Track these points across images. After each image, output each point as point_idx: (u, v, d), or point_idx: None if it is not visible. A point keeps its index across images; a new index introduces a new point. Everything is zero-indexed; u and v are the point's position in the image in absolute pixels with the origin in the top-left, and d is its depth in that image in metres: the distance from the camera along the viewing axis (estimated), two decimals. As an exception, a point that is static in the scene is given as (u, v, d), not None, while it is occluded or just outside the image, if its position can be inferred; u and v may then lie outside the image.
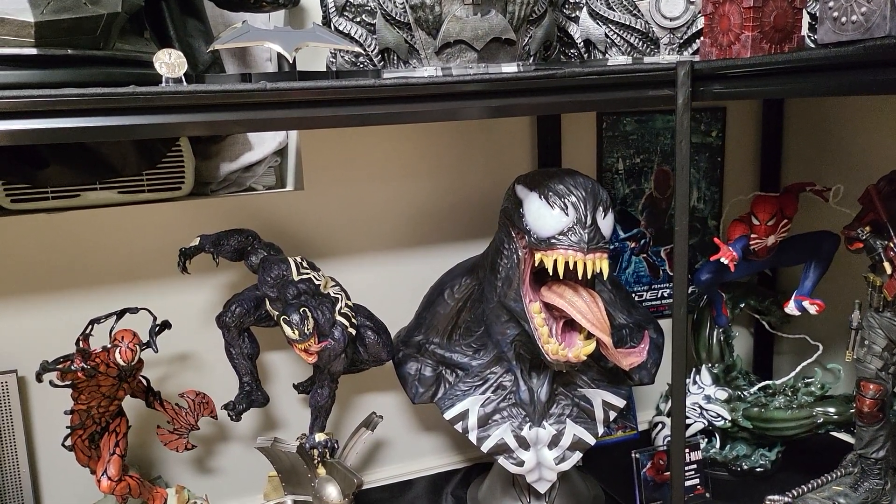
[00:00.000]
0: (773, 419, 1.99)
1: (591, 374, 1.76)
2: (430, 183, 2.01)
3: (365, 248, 1.97)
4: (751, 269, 2.05)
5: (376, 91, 1.24)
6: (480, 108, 1.36)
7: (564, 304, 1.49)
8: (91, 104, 1.08)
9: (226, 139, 1.91)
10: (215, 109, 1.16)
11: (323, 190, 1.91)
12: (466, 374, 1.76)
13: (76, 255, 1.73)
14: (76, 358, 1.39)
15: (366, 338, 1.69)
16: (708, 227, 2.35)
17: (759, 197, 1.90)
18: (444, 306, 1.79)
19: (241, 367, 1.70)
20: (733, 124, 2.32)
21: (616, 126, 2.19)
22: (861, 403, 1.64)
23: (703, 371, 2.12)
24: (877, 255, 1.54)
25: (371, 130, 1.91)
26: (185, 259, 1.62)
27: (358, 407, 2.03)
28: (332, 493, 1.61)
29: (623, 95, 1.44)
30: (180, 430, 1.67)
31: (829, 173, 2.14)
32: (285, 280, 1.57)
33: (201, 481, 1.90)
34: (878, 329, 1.61)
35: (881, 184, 1.61)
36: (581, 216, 1.45)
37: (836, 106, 2.18)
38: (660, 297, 2.34)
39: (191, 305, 1.82)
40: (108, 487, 1.48)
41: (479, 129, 2.03)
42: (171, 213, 1.78)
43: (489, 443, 1.68)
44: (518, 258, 1.56)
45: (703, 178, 2.33)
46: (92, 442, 1.54)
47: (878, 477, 1.68)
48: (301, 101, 1.20)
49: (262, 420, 1.94)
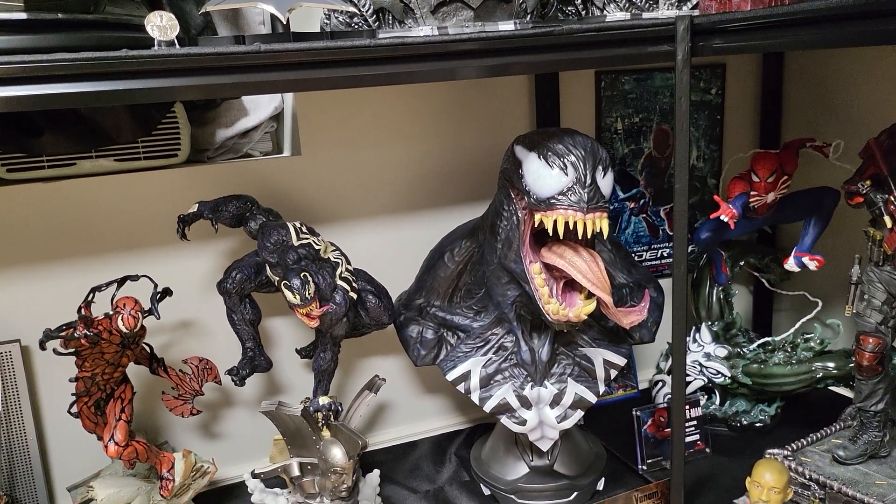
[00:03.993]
0: (772, 375, 2.01)
1: (591, 334, 1.76)
2: (428, 145, 2.00)
3: (364, 213, 1.97)
4: (751, 227, 2.05)
5: (371, 51, 1.22)
6: (477, 67, 1.34)
7: (565, 264, 1.49)
8: (83, 69, 1.06)
9: (221, 105, 1.89)
10: (209, 73, 1.14)
11: (320, 154, 1.90)
12: (468, 335, 1.77)
13: (74, 223, 1.72)
14: (79, 325, 1.40)
15: (367, 302, 1.69)
16: (707, 185, 2.34)
17: (759, 154, 1.89)
18: (444, 269, 1.79)
19: (244, 333, 1.71)
20: (733, 81, 2.30)
21: (615, 85, 2.17)
22: (860, 357, 1.65)
23: (703, 329, 2.13)
24: (877, 210, 1.54)
25: (368, 93, 1.89)
26: (183, 226, 1.62)
27: (361, 370, 2.05)
28: (338, 455, 1.63)
29: (622, 52, 1.42)
30: (185, 396, 1.69)
31: (829, 129, 2.12)
32: (285, 245, 1.57)
33: (208, 446, 1.92)
34: (878, 283, 1.62)
35: (882, 137, 1.60)
36: (580, 175, 1.44)
37: (837, 60, 2.15)
38: (659, 257, 2.34)
39: (192, 272, 1.82)
40: (116, 452, 1.50)
41: (478, 90, 2.01)
42: (168, 180, 1.77)
43: (491, 403, 1.70)
44: (518, 219, 1.55)
45: (703, 136, 2.31)
46: (98, 408, 1.55)
47: (877, 429, 1.70)
48: (295, 62, 1.18)
49: (267, 385, 1.96)
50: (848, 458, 1.69)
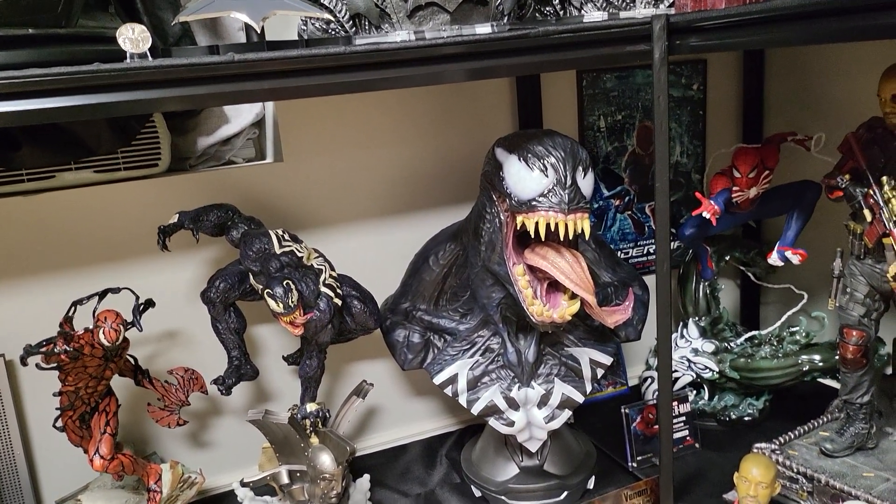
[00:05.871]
0: (759, 369, 2.01)
1: (577, 334, 1.77)
2: (410, 149, 1.99)
3: (347, 218, 1.96)
4: (734, 222, 2.05)
5: (346, 58, 1.21)
6: (455, 71, 1.34)
7: (547, 265, 1.49)
8: (54, 84, 1.05)
9: (201, 113, 1.88)
10: (183, 84, 1.14)
11: (302, 161, 1.89)
12: (454, 338, 1.77)
13: (55, 236, 1.71)
14: (58, 340, 1.39)
15: (352, 307, 1.69)
16: (691, 181, 2.35)
17: (740, 149, 1.89)
18: (429, 273, 1.79)
19: (229, 342, 1.70)
20: (714, 76, 2.30)
21: (596, 83, 2.17)
22: (845, 350, 1.66)
23: (690, 324, 2.14)
24: (857, 203, 1.54)
25: (348, 99, 1.88)
26: (164, 236, 1.61)
27: (349, 376, 2.04)
28: (326, 462, 1.63)
29: (600, 52, 1.42)
30: (171, 407, 1.68)
31: (811, 123, 2.13)
32: (267, 253, 1.56)
33: (197, 455, 1.92)
34: (860, 276, 1.62)
35: (860, 131, 1.60)
36: (561, 177, 1.44)
37: (816, 54, 2.16)
38: (646, 254, 2.35)
39: (175, 283, 1.81)
40: (101, 466, 1.49)
41: (459, 93, 2.01)
42: (149, 190, 1.76)
43: (479, 405, 1.70)
44: (500, 222, 1.55)
45: (686, 132, 2.31)
46: (83, 422, 1.54)
47: (864, 421, 1.71)
48: (270, 71, 1.18)
49: (254, 393, 1.95)
50: (835, 450, 1.69)
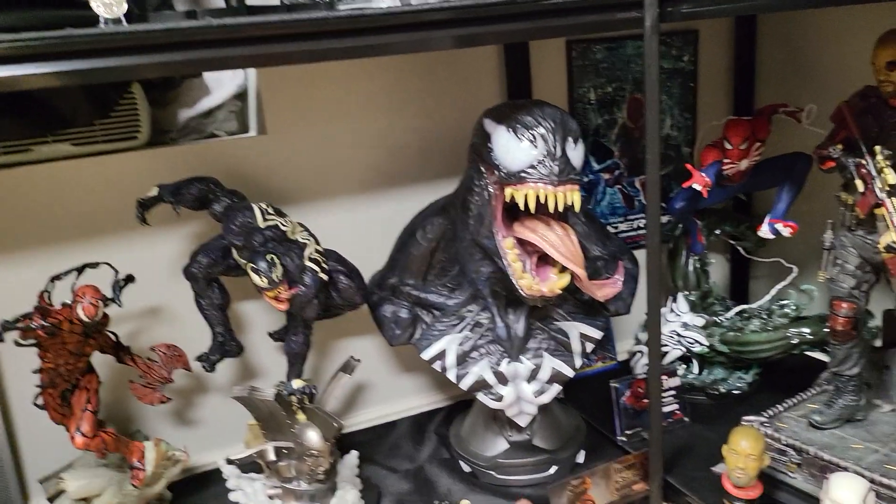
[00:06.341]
0: (749, 342, 2.01)
1: (567, 308, 1.75)
2: (397, 121, 1.95)
3: (333, 192, 1.93)
4: (725, 195, 2.04)
5: (329, 24, 1.17)
6: (443, 37, 1.30)
7: (537, 238, 1.47)
8: (23, 50, 1.00)
9: (182, 85, 1.83)
10: (159, 50, 1.09)
11: (286, 133, 1.85)
12: (443, 313, 1.75)
13: (32, 211, 1.67)
14: (35, 316, 1.36)
15: (338, 282, 1.66)
16: (682, 154, 2.32)
17: (731, 121, 1.87)
18: (417, 247, 1.77)
19: (213, 318, 1.68)
20: (705, 48, 2.27)
21: (586, 54, 2.13)
22: (834, 322, 1.65)
23: (680, 298, 2.13)
24: (849, 174, 1.53)
25: (333, 68, 1.84)
26: (143, 210, 1.57)
27: (336, 352, 2.02)
28: (313, 438, 1.61)
29: (591, 19, 1.38)
30: (153, 384, 1.65)
31: (803, 93, 2.11)
32: (251, 227, 1.53)
33: (181, 433, 1.89)
34: (851, 248, 1.61)
35: (853, 100, 1.58)
36: (550, 148, 1.41)
37: (808, 22, 2.13)
38: (636, 228, 2.33)
39: (157, 258, 1.77)
40: (83, 444, 1.47)
41: (447, 63, 1.97)
42: (128, 163, 1.72)
43: (468, 380, 1.68)
44: (489, 194, 1.53)
45: (676, 104, 2.29)
46: (63, 399, 1.51)
47: (853, 394, 1.70)
48: (249, 37, 1.13)
49: (240, 370, 1.93)
50: (824, 422, 1.69)
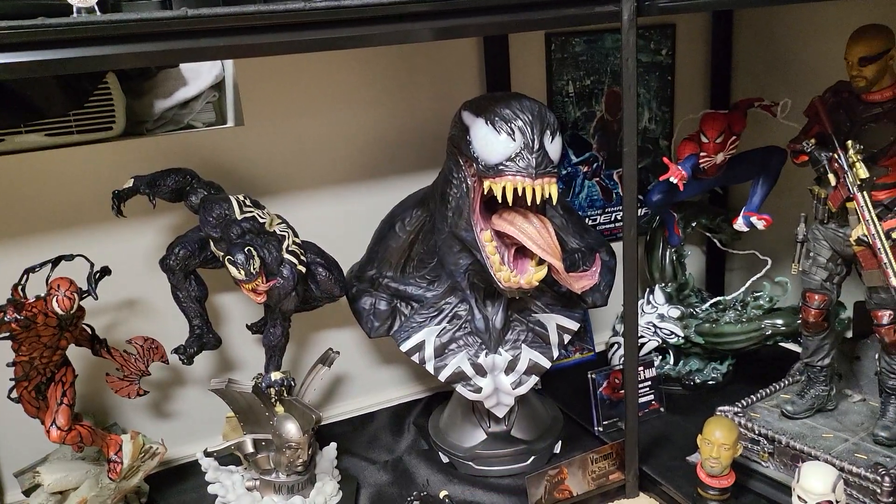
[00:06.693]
0: (723, 334, 2.04)
1: (544, 300, 1.76)
2: (376, 112, 1.95)
3: (311, 184, 1.92)
4: (701, 188, 2.06)
5: (307, 15, 1.17)
6: (422, 30, 1.30)
7: (515, 230, 1.48)
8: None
9: (158, 75, 1.82)
10: (133, 40, 1.09)
11: (264, 124, 1.84)
12: (421, 305, 1.75)
13: (6, 202, 1.65)
14: (8, 309, 1.34)
15: (317, 275, 1.66)
16: (660, 147, 2.34)
17: (707, 115, 1.89)
18: (395, 239, 1.76)
19: (190, 311, 1.67)
20: (683, 42, 2.28)
21: (565, 47, 2.14)
22: (807, 314, 1.68)
23: (657, 290, 2.15)
24: (821, 168, 1.55)
25: (311, 61, 1.83)
26: (119, 202, 1.56)
27: (314, 344, 2.02)
28: (292, 430, 1.61)
29: (569, 13, 1.40)
30: (130, 377, 1.64)
31: (779, 87, 2.13)
32: (228, 219, 1.52)
33: (159, 426, 1.88)
34: (823, 241, 1.63)
35: (826, 95, 1.60)
36: (528, 141, 1.42)
37: (784, 18, 2.15)
38: (613, 220, 2.34)
39: (134, 250, 1.76)
40: (59, 437, 1.45)
41: (426, 55, 1.96)
42: (103, 154, 1.70)
43: (446, 372, 1.69)
44: (467, 187, 1.53)
45: (654, 97, 2.30)
46: (39, 393, 1.50)
47: (824, 384, 1.73)
48: (226, 28, 1.13)
49: (218, 362, 1.92)
50: (796, 412, 1.72)
